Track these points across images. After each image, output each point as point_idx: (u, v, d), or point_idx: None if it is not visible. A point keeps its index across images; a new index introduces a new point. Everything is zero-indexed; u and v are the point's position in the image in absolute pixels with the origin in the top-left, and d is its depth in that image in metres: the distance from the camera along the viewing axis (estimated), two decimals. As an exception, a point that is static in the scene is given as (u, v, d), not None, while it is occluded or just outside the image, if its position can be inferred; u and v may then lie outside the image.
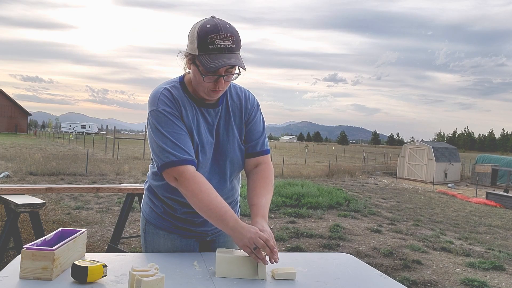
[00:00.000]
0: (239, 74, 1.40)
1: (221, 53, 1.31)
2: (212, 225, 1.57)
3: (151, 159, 1.56)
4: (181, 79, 1.50)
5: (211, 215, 1.35)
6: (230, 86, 1.55)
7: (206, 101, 1.49)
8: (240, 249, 1.36)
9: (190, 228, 1.58)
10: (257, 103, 1.61)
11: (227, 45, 1.31)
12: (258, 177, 1.56)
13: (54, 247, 1.16)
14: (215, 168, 1.52)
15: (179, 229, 1.58)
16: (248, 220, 1.46)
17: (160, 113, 1.39)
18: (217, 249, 1.35)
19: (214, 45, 1.30)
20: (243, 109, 1.56)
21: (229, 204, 1.63)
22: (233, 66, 1.36)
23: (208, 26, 1.32)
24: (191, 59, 1.38)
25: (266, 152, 1.60)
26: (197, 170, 1.44)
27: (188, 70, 1.47)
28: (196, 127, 1.46)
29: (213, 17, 1.36)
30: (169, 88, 1.44)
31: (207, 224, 1.56)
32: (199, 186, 1.35)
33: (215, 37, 1.30)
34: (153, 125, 1.40)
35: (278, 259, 1.27)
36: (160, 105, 1.40)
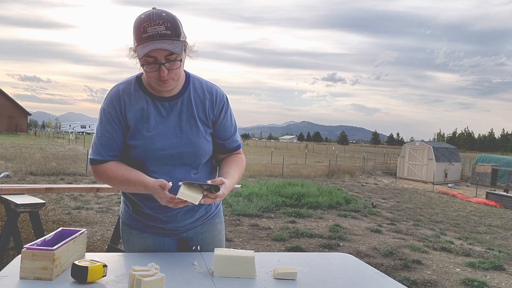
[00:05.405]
0: (181, 60, 1.39)
1: (152, 40, 1.32)
2: (183, 221, 1.56)
3: None
4: (140, 74, 1.52)
5: (125, 187, 1.46)
6: (195, 80, 1.55)
7: (162, 93, 1.49)
8: (239, 249, 1.37)
9: (160, 226, 1.57)
10: (226, 98, 1.60)
11: (158, 32, 1.32)
12: (233, 158, 1.64)
13: (54, 247, 1.16)
14: (179, 160, 1.50)
15: (149, 227, 1.58)
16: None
17: (103, 110, 1.48)
18: (215, 249, 1.36)
19: (146, 33, 1.32)
20: (209, 103, 1.54)
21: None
22: (173, 53, 1.34)
23: (142, 16, 1.35)
24: (134, 51, 1.39)
25: (238, 147, 1.67)
26: (151, 161, 1.47)
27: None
28: (145, 119, 1.47)
29: (153, 8, 1.37)
30: (120, 86, 1.50)
31: (176, 220, 1.55)
32: (107, 174, 1.46)
33: (147, 25, 1.32)
34: (98, 120, 1.52)
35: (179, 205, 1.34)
36: (105, 103, 1.49)
